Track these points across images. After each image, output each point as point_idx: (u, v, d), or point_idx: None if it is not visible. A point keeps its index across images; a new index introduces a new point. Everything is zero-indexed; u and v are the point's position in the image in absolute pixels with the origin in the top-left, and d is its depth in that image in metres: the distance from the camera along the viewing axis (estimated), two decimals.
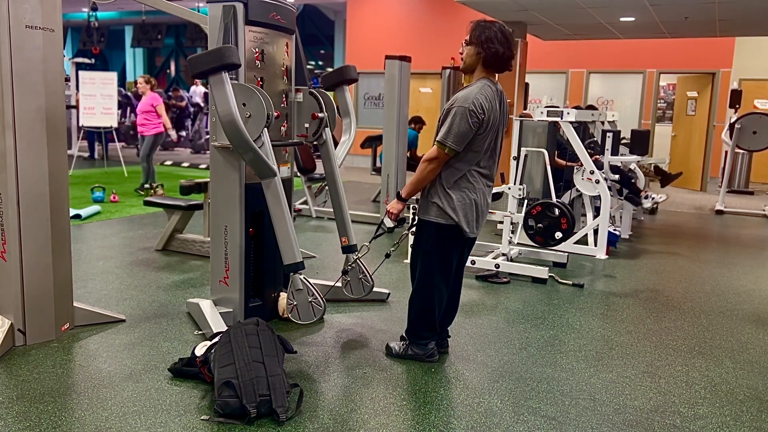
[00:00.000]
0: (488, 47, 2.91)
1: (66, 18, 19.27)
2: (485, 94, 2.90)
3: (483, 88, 2.92)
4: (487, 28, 2.93)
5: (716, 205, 8.66)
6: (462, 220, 2.99)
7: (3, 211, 3.12)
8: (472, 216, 3.02)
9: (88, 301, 3.88)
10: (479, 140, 2.93)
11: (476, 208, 3.02)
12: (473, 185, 3.00)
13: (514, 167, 5.49)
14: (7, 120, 3.03)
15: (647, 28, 8.54)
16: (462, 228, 3.01)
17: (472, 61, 2.98)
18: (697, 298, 4.59)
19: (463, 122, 2.85)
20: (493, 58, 2.93)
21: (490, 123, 2.92)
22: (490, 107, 2.90)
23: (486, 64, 2.96)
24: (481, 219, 3.09)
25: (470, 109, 2.84)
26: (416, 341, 3.23)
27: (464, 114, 2.85)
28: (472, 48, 2.96)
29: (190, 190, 5.29)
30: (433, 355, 3.23)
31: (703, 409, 2.86)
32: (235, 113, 3.01)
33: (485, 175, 3.04)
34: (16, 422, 2.52)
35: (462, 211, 2.98)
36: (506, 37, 2.93)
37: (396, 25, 12.94)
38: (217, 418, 2.57)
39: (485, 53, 2.92)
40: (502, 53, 2.92)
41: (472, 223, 3.04)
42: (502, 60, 2.94)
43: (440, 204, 2.99)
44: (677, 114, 11.52)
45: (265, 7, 3.45)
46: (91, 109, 10.35)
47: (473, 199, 3.00)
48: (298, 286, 3.27)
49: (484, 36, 2.91)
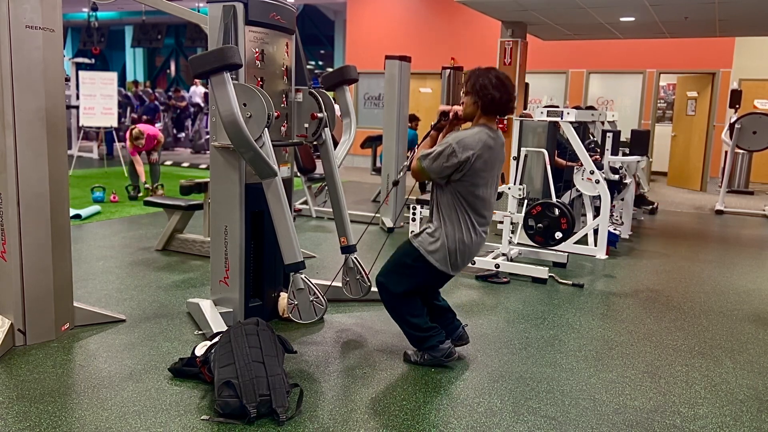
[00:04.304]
0: (485, 95, 2.99)
1: (66, 18, 19.26)
2: (478, 139, 2.97)
3: (478, 133, 3.00)
4: (481, 76, 3.00)
5: (716, 205, 8.67)
6: (447, 263, 3.06)
7: (3, 211, 3.12)
8: (456, 258, 3.07)
9: (88, 301, 3.88)
10: (472, 180, 2.99)
11: (465, 251, 3.07)
12: (468, 226, 3.05)
13: (514, 167, 5.49)
14: (7, 120, 3.03)
15: (647, 28, 8.53)
16: (443, 270, 3.09)
17: (472, 110, 3.07)
18: (697, 298, 4.59)
19: (441, 157, 2.94)
20: (491, 105, 3.00)
21: (477, 165, 2.96)
22: (480, 151, 2.95)
23: (485, 111, 3.03)
24: (467, 260, 3.15)
25: (454, 149, 2.93)
26: (424, 348, 3.21)
27: (448, 152, 2.93)
28: (469, 98, 3.05)
29: (190, 190, 5.29)
30: (450, 354, 3.20)
31: (703, 409, 2.86)
32: (236, 113, 3.01)
33: (482, 216, 3.09)
34: (16, 422, 2.52)
35: (450, 254, 3.04)
36: (502, 82, 3.00)
37: (396, 25, 12.94)
38: (217, 418, 2.57)
39: (482, 101, 3.00)
40: (499, 98, 2.98)
41: (457, 264, 3.11)
42: (501, 104, 3.01)
43: (432, 239, 3.04)
44: (677, 114, 11.53)
45: (265, 7, 3.45)
46: (91, 109, 10.35)
47: (464, 241, 3.05)
48: (299, 286, 3.27)
49: (479, 84, 2.99)
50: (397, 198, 6.85)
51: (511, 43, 8.19)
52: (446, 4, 12.07)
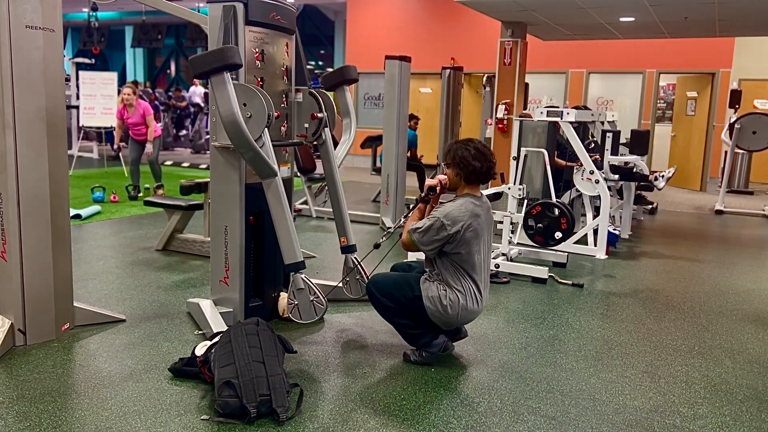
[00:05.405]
0: (465, 166, 3.09)
1: (66, 18, 19.27)
2: (464, 209, 3.05)
3: (464, 204, 3.08)
4: (460, 149, 3.12)
5: (716, 205, 8.67)
6: (444, 324, 3.15)
7: (3, 211, 3.12)
8: (456, 321, 3.14)
9: (88, 301, 3.88)
10: (466, 249, 3.05)
11: (467, 317, 3.14)
12: (472, 293, 3.10)
13: (513, 167, 5.49)
14: (7, 120, 3.03)
15: (647, 28, 8.54)
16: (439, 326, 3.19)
17: (455, 182, 3.18)
18: (697, 298, 4.59)
19: (431, 231, 3.02)
20: (473, 175, 3.11)
21: (468, 235, 3.03)
22: (469, 221, 3.03)
23: (468, 181, 3.14)
24: (465, 322, 3.23)
25: (443, 223, 3.00)
26: (419, 345, 3.22)
27: (437, 226, 3.00)
28: (451, 170, 3.16)
29: (190, 190, 5.29)
30: (446, 349, 3.28)
31: (703, 409, 2.86)
32: (236, 113, 3.02)
33: (482, 281, 3.14)
34: (17, 422, 2.52)
35: (451, 320, 3.11)
36: (481, 152, 3.12)
37: (396, 25, 12.94)
38: (218, 417, 2.57)
39: (464, 172, 3.11)
40: (480, 167, 3.09)
41: (451, 326, 3.20)
42: (482, 173, 3.12)
43: (438, 299, 3.08)
44: (677, 114, 11.53)
45: (265, 7, 3.45)
46: (91, 109, 10.36)
47: (468, 308, 3.09)
48: (299, 285, 3.27)
49: (458, 157, 3.11)
50: (398, 198, 6.86)
51: (511, 43, 8.20)
52: (446, 5, 12.07)
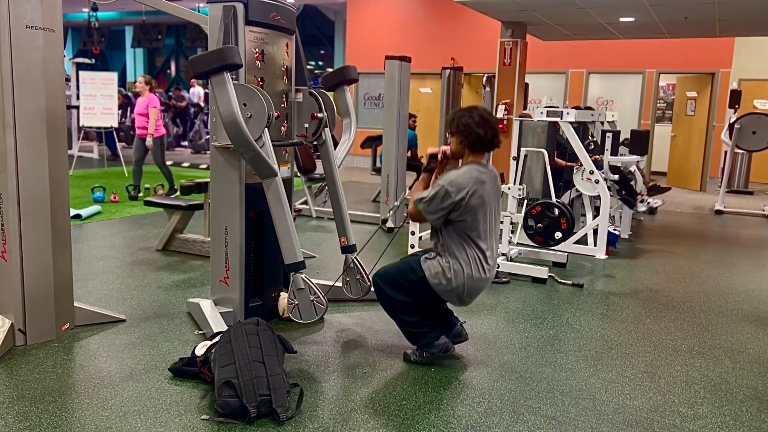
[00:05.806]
0: (469, 133, 3.05)
1: (66, 18, 19.27)
2: (469, 176, 3.01)
3: (469, 170, 3.05)
4: (464, 116, 3.08)
5: (716, 205, 8.67)
6: (455, 299, 3.13)
7: (3, 211, 3.12)
8: (464, 293, 3.10)
9: (88, 301, 3.88)
10: (472, 216, 3.01)
11: (474, 286, 3.09)
12: (477, 262, 3.06)
13: (513, 167, 5.49)
14: (7, 120, 3.03)
15: (647, 28, 8.54)
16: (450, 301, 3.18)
17: (459, 150, 3.14)
18: (696, 298, 4.59)
19: (436, 199, 3.00)
20: (477, 142, 3.07)
21: (473, 202, 3.00)
22: (474, 188, 2.99)
23: (472, 149, 3.11)
24: (476, 294, 3.17)
25: (447, 190, 2.97)
26: (420, 344, 3.22)
27: (442, 194, 2.98)
28: (455, 138, 3.12)
29: (190, 190, 5.29)
30: (447, 350, 3.24)
31: (703, 409, 2.86)
32: (237, 113, 3.02)
33: (489, 249, 3.10)
34: (17, 422, 2.52)
35: (459, 292, 3.08)
36: (485, 119, 3.07)
37: (396, 25, 12.94)
38: (218, 417, 2.57)
39: (468, 140, 3.08)
40: (484, 135, 3.06)
41: (463, 300, 3.15)
42: (486, 141, 3.08)
43: (442, 274, 3.05)
44: (677, 114, 11.53)
45: (265, 7, 3.45)
46: (91, 109, 10.36)
47: (474, 277, 3.06)
48: (299, 285, 3.27)
49: (462, 124, 3.07)
50: (398, 198, 6.85)
51: (510, 43, 8.20)
52: (446, 5, 12.07)
